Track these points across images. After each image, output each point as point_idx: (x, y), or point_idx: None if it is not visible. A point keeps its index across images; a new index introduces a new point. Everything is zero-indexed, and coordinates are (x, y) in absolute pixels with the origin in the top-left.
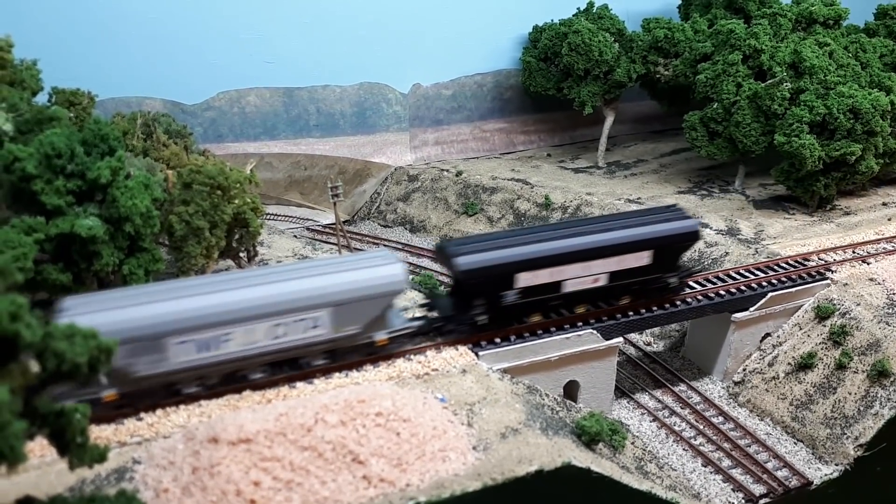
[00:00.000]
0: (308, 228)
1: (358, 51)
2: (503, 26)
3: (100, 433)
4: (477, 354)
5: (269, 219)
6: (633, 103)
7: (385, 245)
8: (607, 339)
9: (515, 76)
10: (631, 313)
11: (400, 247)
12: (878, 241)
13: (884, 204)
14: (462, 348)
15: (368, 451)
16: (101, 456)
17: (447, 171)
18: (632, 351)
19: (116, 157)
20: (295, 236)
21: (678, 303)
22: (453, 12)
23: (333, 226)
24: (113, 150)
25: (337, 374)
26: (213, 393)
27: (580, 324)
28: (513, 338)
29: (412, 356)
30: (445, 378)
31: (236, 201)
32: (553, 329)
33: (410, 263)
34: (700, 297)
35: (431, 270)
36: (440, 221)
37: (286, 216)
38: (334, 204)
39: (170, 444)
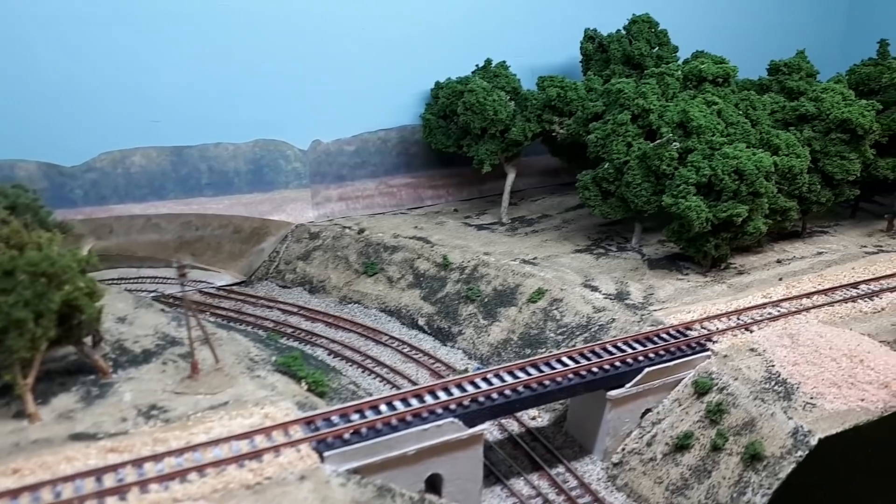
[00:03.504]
0: (201, 291)
1: (251, 108)
2: (406, 82)
3: None
4: (322, 455)
5: (159, 283)
6: (541, 157)
7: (279, 308)
8: (471, 427)
9: (420, 132)
10: (496, 396)
11: (295, 310)
12: (764, 305)
13: (778, 261)
14: (305, 449)
15: None
16: None
17: (349, 228)
18: (515, 427)
19: None
20: (163, 310)
21: (547, 383)
22: (352, 68)
23: (230, 287)
24: None
25: (155, 487)
26: None
27: (441, 410)
28: (364, 431)
29: (245, 461)
30: (279, 487)
31: (67, 287)
32: (410, 419)
33: (302, 330)
34: (571, 376)
35: (325, 339)
36: (340, 282)
37: (177, 279)
38: (182, 286)
39: None
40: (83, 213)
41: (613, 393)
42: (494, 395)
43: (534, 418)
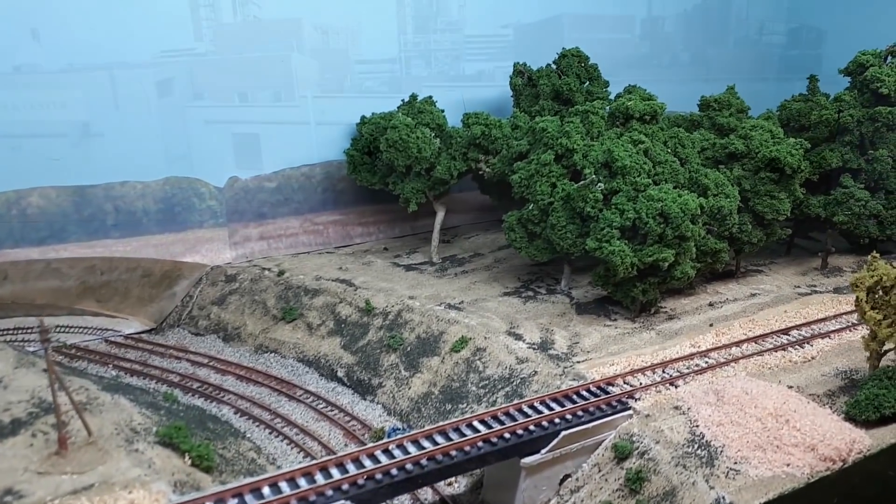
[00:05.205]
0: (106, 340)
1: (161, 144)
2: (331, 116)
3: None
4: None
5: (60, 331)
6: (474, 192)
7: (189, 360)
8: None
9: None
10: (395, 471)
11: (205, 361)
12: (691, 356)
13: (710, 304)
14: None
15: None
16: None
17: (269, 269)
18: (429, 496)
19: None
20: (44, 370)
21: (454, 453)
22: (272, 101)
23: (138, 335)
24: None
25: None
26: None
27: (331, 492)
28: None
29: None
30: None
31: None
32: None
33: (210, 384)
34: (481, 444)
35: (233, 395)
36: (256, 329)
37: (80, 327)
38: (45, 351)
39: None
40: None
41: (528, 460)
42: (394, 471)
43: (450, 484)
